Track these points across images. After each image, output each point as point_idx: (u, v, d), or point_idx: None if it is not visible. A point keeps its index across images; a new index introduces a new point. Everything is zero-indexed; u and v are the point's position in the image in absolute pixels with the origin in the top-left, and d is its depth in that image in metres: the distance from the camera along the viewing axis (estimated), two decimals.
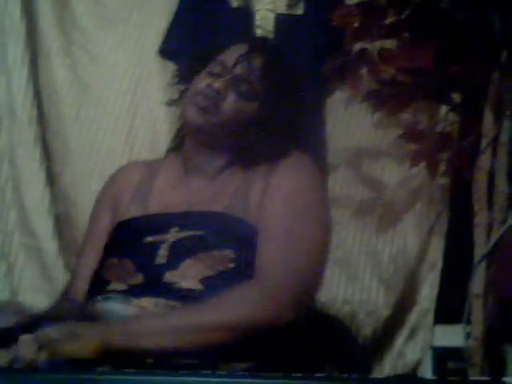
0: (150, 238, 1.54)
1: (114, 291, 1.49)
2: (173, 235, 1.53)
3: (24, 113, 2.27)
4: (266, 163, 1.60)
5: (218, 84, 1.59)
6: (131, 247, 1.55)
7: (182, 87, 1.71)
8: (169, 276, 1.47)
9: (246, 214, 1.53)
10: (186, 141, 1.67)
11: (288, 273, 1.46)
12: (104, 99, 2.35)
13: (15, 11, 2.29)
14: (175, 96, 1.72)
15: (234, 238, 1.50)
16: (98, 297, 1.50)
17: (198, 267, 1.46)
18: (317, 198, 1.59)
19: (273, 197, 1.54)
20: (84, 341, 1.28)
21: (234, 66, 1.62)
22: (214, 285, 1.44)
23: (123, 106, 2.34)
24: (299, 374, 1.01)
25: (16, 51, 2.29)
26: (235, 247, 1.48)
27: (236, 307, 1.39)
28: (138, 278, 1.49)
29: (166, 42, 2.30)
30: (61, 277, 2.19)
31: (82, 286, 1.59)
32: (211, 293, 1.42)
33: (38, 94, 2.31)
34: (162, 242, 1.52)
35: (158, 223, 1.57)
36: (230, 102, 1.59)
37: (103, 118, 2.34)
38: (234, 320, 1.38)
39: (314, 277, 1.53)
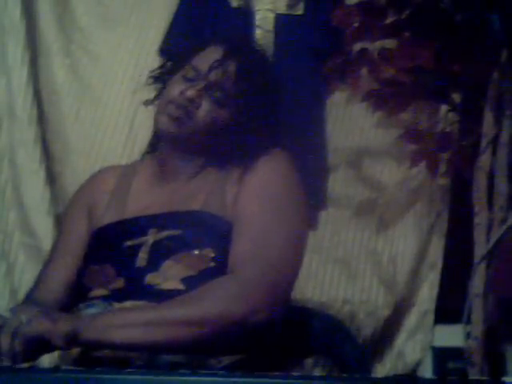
0: (129, 242, 1.53)
1: (95, 298, 1.48)
2: (151, 237, 1.52)
3: (24, 113, 2.27)
4: (241, 163, 1.58)
5: (191, 92, 1.57)
6: (111, 253, 1.54)
7: (158, 87, 1.70)
8: (150, 278, 1.46)
9: (223, 212, 1.52)
10: (161, 145, 1.67)
11: (262, 268, 1.43)
12: (104, 99, 2.35)
13: (15, 11, 2.29)
14: (152, 96, 1.71)
15: (213, 236, 1.49)
16: (80, 304, 1.50)
17: (178, 267, 1.46)
18: (290, 192, 1.57)
19: (246, 193, 1.53)
20: (56, 324, 1.29)
21: (209, 72, 1.59)
22: (196, 284, 1.42)
23: (123, 105, 2.34)
24: (299, 374, 1.01)
25: (16, 51, 2.28)
26: (214, 245, 1.48)
27: (210, 302, 1.38)
28: (120, 283, 1.48)
29: (166, 41, 2.30)
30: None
31: (50, 293, 1.58)
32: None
33: (37, 94, 2.31)
34: (142, 245, 1.52)
35: (136, 226, 1.56)
36: (204, 110, 1.58)
37: (103, 118, 2.34)
38: (207, 315, 1.36)
39: (288, 273, 1.50)
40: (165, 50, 2.30)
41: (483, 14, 1.97)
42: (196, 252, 1.47)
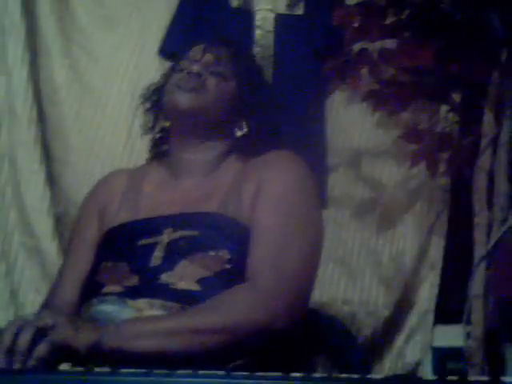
0: (143, 241, 1.53)
1: (109, 294, 1.48)
2: (167, 236, 1.52)
3: (24, 113, 2.27)
4: (259, 154, 1.60)
5: (195, 67, 1.62)
6: (125, 250, 1.54)
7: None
8: (165, 277, 1.46)
9: (239, 215, 1.52)
10: (171, 143, 1.67)
11: (280, 276, 1.44)
12: (104, 99, 2.35)
13: (15, 11, 2.29)
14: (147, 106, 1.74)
15: (229, 239, 1.49)
16: (94, 300, 1.50)
17: (193, 268, 1.46)
18: (308, 200, 1.58)
19: (264, 199, 1.52)
20: (80, 332, 1.28)
21: (202, 56, 1.65)
22: (212, 285, 1.43)
23: (123, 105, 2.34)
24: (299, 374, 1.01)
25: (16, 51, 2.28)
26: (230, 248, 1.47)
27: (229, 311, 1.38)
28: (134, 280, 1.48)
29: (166, 42, 2.30)
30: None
31: (67, 295, 1.58)
32: (209, 293, 1.41)
33: (37, 94, 2.31)
34: (157, 244, 1.52)
35: (151, 226, 1.56)
36: (211, 82, 1.62)
37: (103, 118, 2.34)
38: (226, 324, 1.36)
39: (306, 280, 1.51)
40: (165, 50, 2.30)
41: (483, 13, 1.98)
42: (212, 253, 1.47)
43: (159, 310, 1.43)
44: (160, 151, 1.72)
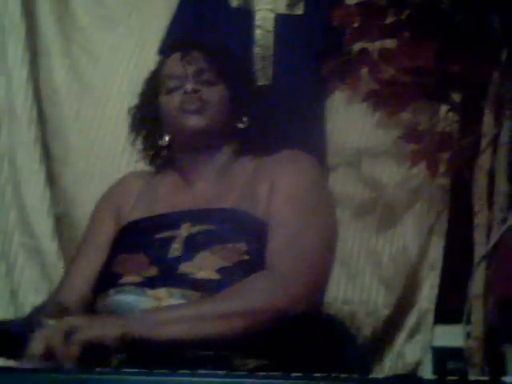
0: (161, 234, 1.57)
1: (127, 284, 1.50)
2: (185, 230, 1.56)
3: (24, 113, 2.27)
4: (271, 153, 1.67)
5: (190, 86, 1.67)
6: (142, 243, 1.58)
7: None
8: (184, 267, 1.49)
9: (254, 210, 1.58)
10: (176, 153, 1.73)
11: (298, 263, 1.49)
12: (104, 99, 2.35)
13: (15, 11, 2.29)
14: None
15: (246, 233, 1.54)
16: (110, 290, 1.51)
17: (213, 258, 1.49)
18: (322, 192, 1.66)
19: (280, 192, 1.58)
20: (107, 327, 1.29)
21: (184, 68, 1.70)
22: (231, 274, 1.47)
23: (123, 105, 2.33)
24: (299, 374, 1.01)
25: (16, 51, 2.28)
26: (247, 241, 1.52)
27: (250, 296, 1.42)
28: (153, 271, 1.51)
29: (166, 41, 2.30)
30: (61, 277, 2.19)
31: (75, 291, 1.59)
32: (228, 282, 1.45)
33: (37, 94, 2.30)
34: (174, 237, 1.55)
35: (169, 220, 1.61)
36: (207, 92, 1.68)
37: (103, 118, 2.34)
38: (248, 308, 1.40)
39: (323, 267, 1.56)
40: (165, 50, 2.30)
41: (483, 14, 1.97)
42: (230, 246, 1.51)
43: (178, 298, 1.46)
44: (162, 162, 1.76)
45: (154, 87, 1.77)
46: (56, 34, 2.37)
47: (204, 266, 1.48)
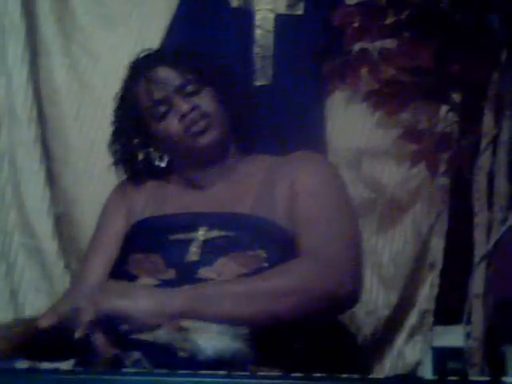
0: (177, 236, 1.56)
1: None
2: (203, 234, 1.56)
3: (24, 113, 2.27)
4: (280, 154, 1.71)
5: (184, 106, 1.67)
6: (156, 244, 1.57)
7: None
8: (203, 272, 1.49)
9: (272, 215, 1.56)
10: (181, 168, 1.74)
11: (338, 250, 1.52)
12: (104, 99, 2.34)
13: (15, 11, 2.29)
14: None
15: (265, 239, 1.54)
16: None
17: (232, 265, 1.49)
18: (341, 191, 1.69)
19: (304, 191, 1.61)
20: (137, 300, 1.34)
21: (166, 85, 1.70)
22: None
23: None
24: (299, 374, 1.01)
25: (16, 51, 2.28)
26: (266, 248, 1.52)
27: (299, 276, 1.44)
28: (170, 274, 1.51)
29: (165, 41, 2.30)
30: (61, 277, 2.19)
31: (87, 291, 1.60)
32: None
33: (37, 94, 2.30)
34: (191, 240, 1.54)
35: (184, 222, 1.61)
36: (202, 104, 1.68)
37: (103, 118, 2.34)
38: (297, 287, 1.41)
39: (359, 254, 1.59)
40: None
41: (483, 14, 1.97)
42: (249, 252, 1.52)
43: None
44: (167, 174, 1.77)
45: (131, 111, 1.79)
46: (56, 34, 2.36)
47: (224, 272, 1.48)
